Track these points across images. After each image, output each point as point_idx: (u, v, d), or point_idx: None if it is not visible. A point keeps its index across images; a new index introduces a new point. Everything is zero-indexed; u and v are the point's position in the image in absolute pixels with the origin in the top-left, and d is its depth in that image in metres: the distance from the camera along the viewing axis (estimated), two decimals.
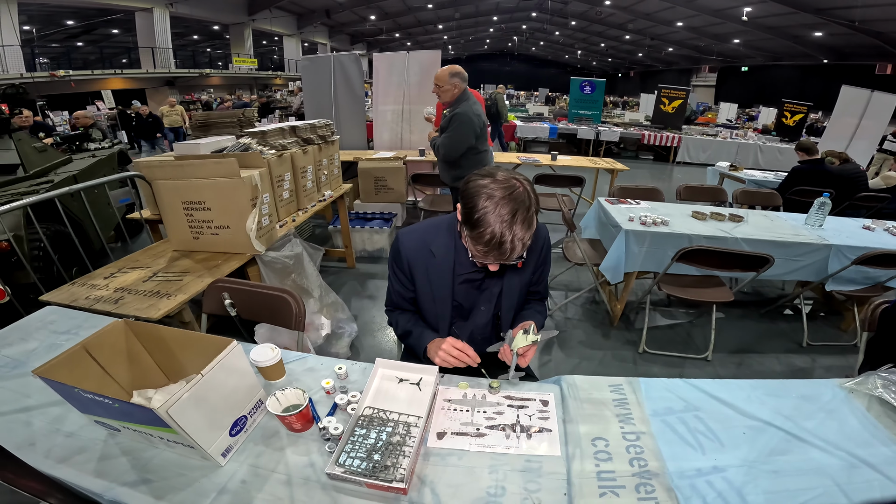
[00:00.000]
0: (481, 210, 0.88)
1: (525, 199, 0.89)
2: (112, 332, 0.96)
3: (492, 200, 0.88)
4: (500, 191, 0.88)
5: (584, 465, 0.81)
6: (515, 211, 0.87)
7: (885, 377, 1.09)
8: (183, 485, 0.77)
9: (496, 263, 0.97)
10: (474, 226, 0.89)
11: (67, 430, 0.90)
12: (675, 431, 0.89)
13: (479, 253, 0.93)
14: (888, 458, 0.86)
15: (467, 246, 0.98)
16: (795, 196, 3.41)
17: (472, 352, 1.00)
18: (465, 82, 2.55)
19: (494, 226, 0.87)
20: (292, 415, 0.84)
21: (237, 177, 1.75)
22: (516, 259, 0.94)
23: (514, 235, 0.87)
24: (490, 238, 0.87)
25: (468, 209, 0.91)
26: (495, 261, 0.95)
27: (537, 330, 1.02)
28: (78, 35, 17.76)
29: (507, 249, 0.89)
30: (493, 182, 0.90)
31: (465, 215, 0.93)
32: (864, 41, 13.96)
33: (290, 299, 1.36)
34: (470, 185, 0.93)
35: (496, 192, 0.88)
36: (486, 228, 0.87)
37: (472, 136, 2.54)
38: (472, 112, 2.50)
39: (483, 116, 2.61)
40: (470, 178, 0.95)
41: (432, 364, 1.03)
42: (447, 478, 0.79)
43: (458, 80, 2.51)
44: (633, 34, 22.17)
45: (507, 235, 0.87)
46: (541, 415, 0.92)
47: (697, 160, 8.56)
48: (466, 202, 0.91)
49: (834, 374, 2.34)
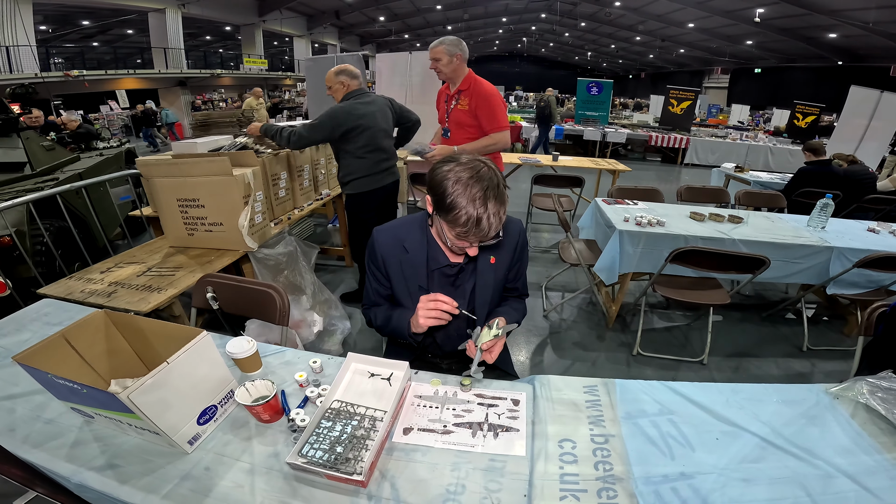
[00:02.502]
0: (453, 193, 0.91)
1: (492, 176, 0.93)
2: (92, 322, 0.99)
3: (460, 183, 0.91)
4: (466, 172, 0.92)
5: (548, 466, 0.80)
6: (486, 188, 0.91)
7: (873, 383, 1.06)
8: (148, 470, 0.79)
9: (475, 246, 1.00)
10: (449, 209, 0.92)
11: (47, 417, 0.93)
12: (645, 435, 0.88)
13: (458, 236, 0.96)
14: (868, 468, 0.84)
15: (444, 235, 1.00)
16: (801, 198, 3.35)
17: (443, 296, 1.00)
18: (357, 79, 2.32)
19: (468, 206, 0.90)
20: (260, 405, 0.85)
21: (230, 175, 1.77)
22: (494, 237, 0.98)
23: (489, 211, 0.91)
24: (467, 218, 0.91)
25: (439, 195, 0.94)
26: (475, 241, 0.97)
27: (510, 329, 1.01)
28: (93, 35, 18.17)
29: (486, 226, 0.92)
30: (458, 165, 0.94)
31: (437, 202, 0.96)
32: (879, 43, 13.64)
33: (274, 294, 1.37)
34: (436, 173, 0.96)
35: (462, 173, 0.92)
36: (460, 210, 0.91)
37: (332, 131, 2.18)
38: (349, 108, 2.20)
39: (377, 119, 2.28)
40: (434, 167, 0.98)
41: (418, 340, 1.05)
42: (409, 473, 0.79)
43: (344, 77, 2.28)
44: (644, 35, 21.94)
45: (482, 212, 0.90)
46: (510, 414, 0.92)
47: (706, 162, 8.45)
48: (436, 189, 0.95)
49: (833, 379, 2.26)
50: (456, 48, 2.16)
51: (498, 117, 2.18)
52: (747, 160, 7.97)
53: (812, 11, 13.17)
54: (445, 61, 2.15)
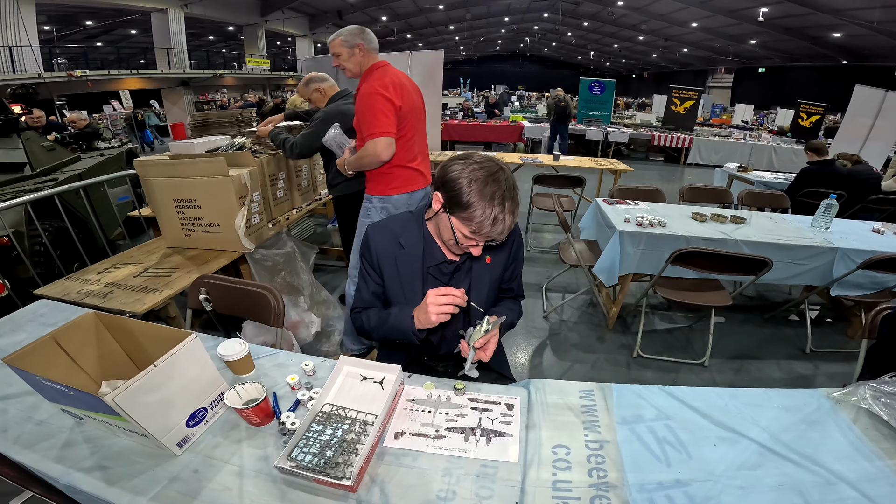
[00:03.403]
0: (469, 191, 0.91)
1: (508, 176, 0.94)
2: (82, 324, 0.98)
3: (477, 181, 0.91)
4: (482, 171, 0.92)
5: (541, 473, 0.79)
6: (503, 189, 0.91)
7: (875, 387, 1.04)
8: (136, 472, 0.79)
9: (480, 245, 0.99)
10: (465, 207, 0.91)
11: (39, 419, 0.93)
12: (641, 441, 0.86)
13: (468, 235, 0.95)
14: (869, 475, 0.81)
15: (453, 232, 0.97)
16: (806, 198, 3.31)
17: (453, 289, 0.97)
18: (327, 80, 2.27)
19: (486, 205, 0.90)
20: (249, 408, 0.84)
21: (226, 175, 1.77)
22: (504, 236, 0.97)
23: (505, 211, 0.92)
24: (483, 217, 0.90)
25: (454, 193, 0.93)
26: (483, 241, 0.97)
27: (500, 323, 0.99)
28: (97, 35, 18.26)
29: (501, 226, 0.92)
30: (473, 164, 0.94)
31: (450, 200, 0.94)
32: (883, 42, 13.54)
33: (269, 296, 1.36)
34: (449, 170, 0.95)
35: (478, 172, 0.92)
36: (476, 209, 0.90)
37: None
38: (343, 109, 2.15)
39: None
40: (446, 164, 0.97)
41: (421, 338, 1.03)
42: (399, 478, 0.77)
43: (316, 84, 2.25)
44: (647, 35, 21.85)
45: (499, 212, 0.91)
46: (504, 419, 0.90)
47: (709, 162, 8.39)
48: (451, 187, 0.93)
49: (836, 381, 2.25)
50: (356, 38, 1.78)
51: (368, 122, 1.69)
52: (751, 160, 7.91)
53: (816, 11, 13.08)
54: (345, 55, 1.78)
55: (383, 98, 1.68)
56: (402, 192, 1.88)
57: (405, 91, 1.77)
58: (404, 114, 1.76)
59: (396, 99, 1.71)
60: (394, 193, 1.87)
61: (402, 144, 1.79)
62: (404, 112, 1.75)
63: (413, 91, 1.84)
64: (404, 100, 1.75)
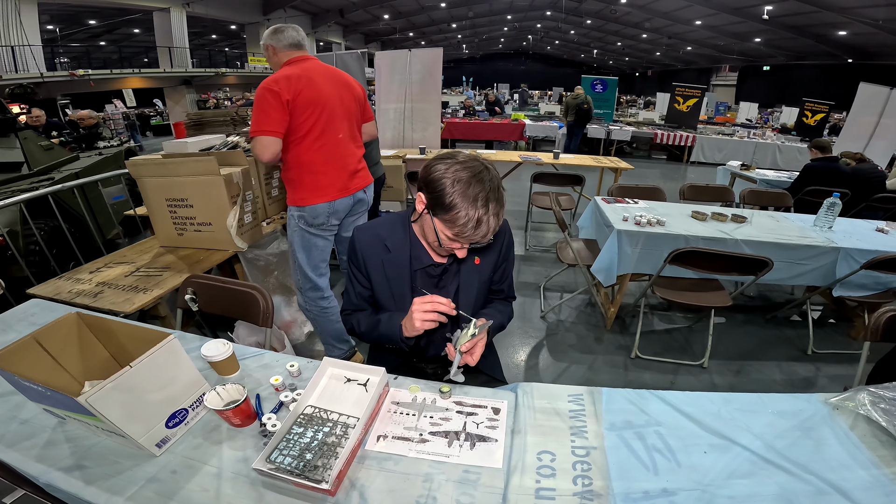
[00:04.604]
0: (452, 193, 0.88)
1: (492, 176, 0.91)
2: (64, 324, 0.97)
3: (460, 182, 0.88)
4: (466, 171, 0.89)
5: (524, 479, 0.77)
6: (487, 189, 0.88)
7: (875, 392, 1.01)
8: (115, 472, 0.79)
9: (465, 248, 0.97)
10: (448, 209, 0.89)
11: (23, 418, 0.92)
12: (629, 448, 0.84)
13: (451, 237, 0.93)
14: (864, 484, 0.79)
15: (436, 234, 0.94)
16: (809, 197, 3.27)
17: (439, 297, 0.96)
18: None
19: (469, 206, 0.87)
20: (229, 409, 0.83)
21: (217, 174, 1.75)
22: (488, 239, 0.94)
23: (489, 213, 0.89)
24: (466, 220, 0.88)
25: (437, 194, 0.90)
26: (467, 243, 0.94)
27: (486, 327, 0.97)
28: (99, 35, 18.33)
29: (485, 228, 0.90)
30: (456, 164, 0.90)
31: (433, 201, 0.91)
32: (888, 40, 13.36)
33: (257, 296, 1.35)
34: (432, 171, 0.92)
35: (462, 173, 0.89)
36: (460, 211, 0.88)
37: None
38: None
39: None
40: (429, 164, 0.94)
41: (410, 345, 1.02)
42: (379, 483, 0.75)
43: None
44: (650, 33, 21.69)
45: (483, 213, 0.88)
46: (489, 423, 0.88)
47: (713, 160, 8.32)
48: (433, 188, 0.90)
49: (838, 383, 2.23)
50: (268, 39, 1.68)
51: (252, 120, 1.59)
52: (755, 158, 7.83)
53: (821, 9, 12.93)
54: (268, 57, 1.73)
55: (269, 93, 1.52)
56: (315, 203, 1.70)
57: (304, 82, 1.57)
58: (299, 107, 1.56)
59: (285, 92, 1.52)
60: (306, 204, 1.71)
61: (306, 145, 1.62)
62: (299, 105, 1.56)
63: (326, 83, 1.65)
64: (299, 92, 1.55)
